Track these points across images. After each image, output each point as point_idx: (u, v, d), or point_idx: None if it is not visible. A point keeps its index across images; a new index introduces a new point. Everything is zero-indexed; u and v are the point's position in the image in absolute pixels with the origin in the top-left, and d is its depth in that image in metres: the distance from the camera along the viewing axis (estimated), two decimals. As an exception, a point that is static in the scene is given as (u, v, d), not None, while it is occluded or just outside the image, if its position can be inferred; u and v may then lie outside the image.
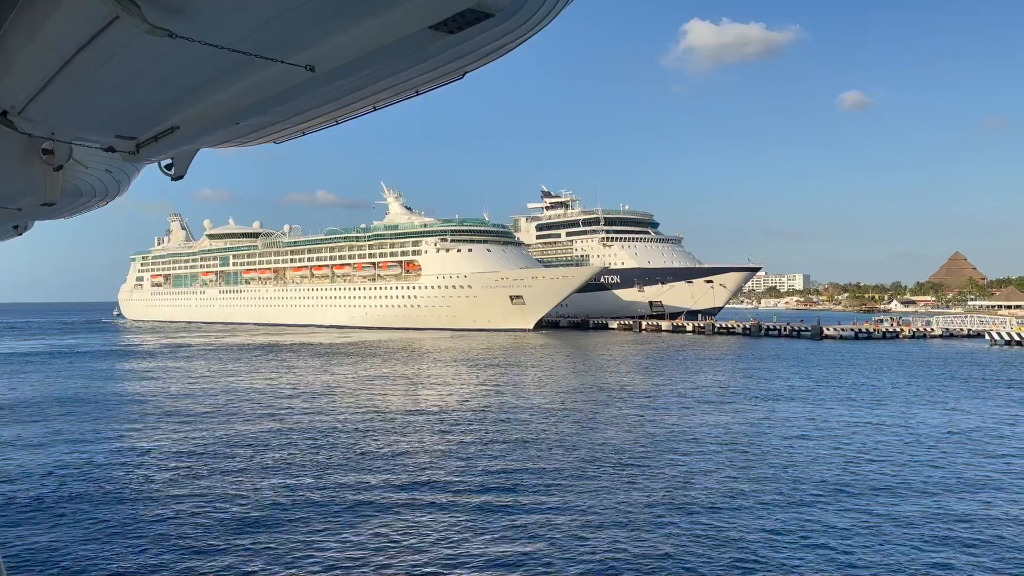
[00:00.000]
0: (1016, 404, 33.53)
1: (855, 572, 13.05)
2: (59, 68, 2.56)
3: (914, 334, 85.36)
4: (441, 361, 54.93)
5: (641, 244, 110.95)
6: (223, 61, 2.39)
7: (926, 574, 13.01)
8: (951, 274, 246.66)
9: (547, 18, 2.40)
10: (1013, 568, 13.29)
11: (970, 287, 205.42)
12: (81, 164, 4.06)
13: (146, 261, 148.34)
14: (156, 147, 3.29)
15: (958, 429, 26.89)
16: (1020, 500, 17.56)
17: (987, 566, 13.36)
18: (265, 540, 14.56)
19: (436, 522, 15.67)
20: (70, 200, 4.67)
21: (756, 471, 20.18)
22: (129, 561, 13.48)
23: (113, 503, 17.16)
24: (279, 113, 2.94)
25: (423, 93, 2.85)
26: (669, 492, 17.94)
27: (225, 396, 35.66)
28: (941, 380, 42.85)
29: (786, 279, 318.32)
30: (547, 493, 17.87)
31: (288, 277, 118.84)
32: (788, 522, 15.68)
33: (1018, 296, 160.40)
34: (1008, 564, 13.47)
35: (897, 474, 19.93)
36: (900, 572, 13.06)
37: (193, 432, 26.01)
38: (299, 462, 21.33)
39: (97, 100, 2.89)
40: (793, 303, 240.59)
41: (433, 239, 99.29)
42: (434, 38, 2.24)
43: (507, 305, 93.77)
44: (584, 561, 13.48)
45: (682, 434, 25.50)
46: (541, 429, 26.35)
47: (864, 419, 29.02)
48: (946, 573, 13.08)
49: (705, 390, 37.66)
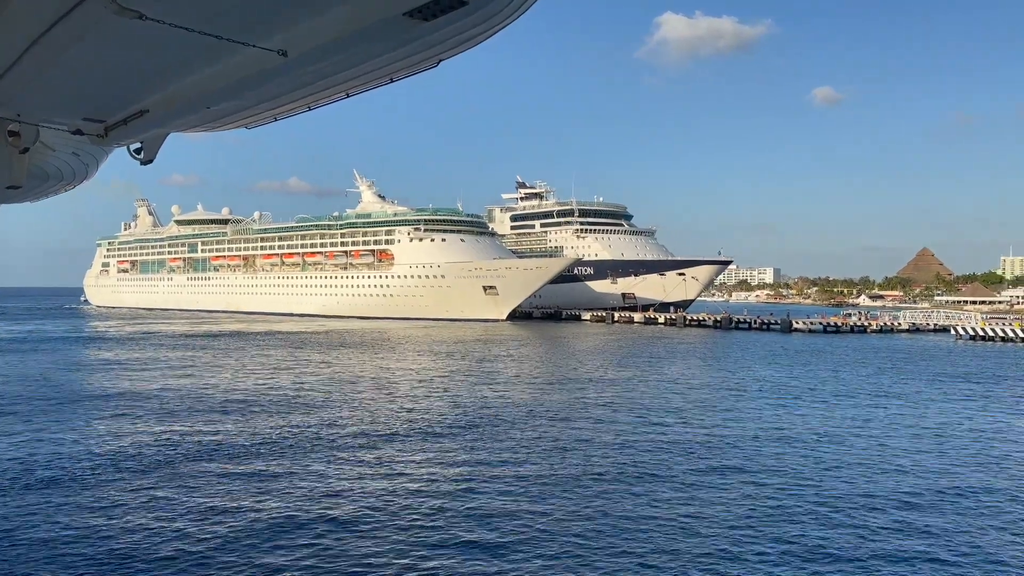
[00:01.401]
0: (976, 398, 34.05)
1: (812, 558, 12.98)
2: (26, 47, 2.42)
3: (881, 328, 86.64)
4: (414, 351, 54.48)
5: (615, 236, 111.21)
6: (194, 44, 2.31)
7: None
8: (919, 269, 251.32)
9: (521, 8, 2.39)
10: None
11: (937, 283, 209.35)
12: (48, 147, 3.94)
13: (112, 246, 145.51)
14: (125, 130, 3.22)
15: (915, 421, 27.21)
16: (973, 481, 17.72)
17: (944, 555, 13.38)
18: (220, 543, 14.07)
19: (401, 511, 15.32)
20: (36, 183, 4.58)
21: (720, 462, 20.13)
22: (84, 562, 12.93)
23: (69, 494, 16.53)
24: (251, 98, 2.91)
25: (397, 80, 2.84)
26: (630, 480, 17.81)
27: (184, 387, 34.85)
28: (906, 373, 43.43)
29: (757, 272, 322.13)
30: (512, 485, 17.61)
31: (258, 265, 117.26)
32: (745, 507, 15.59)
33: (983, 292, 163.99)
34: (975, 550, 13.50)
35: (854, 459, 20.07)
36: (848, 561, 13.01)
37: (138, 427, 25.31)
38: (260, 460, 20.79)
39: (65, 81, 2.78)
40: (764, 296, 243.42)
41: (407, 228, 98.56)
42: (408, 25, 2.25)
43: (480, 295, 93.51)
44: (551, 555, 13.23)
45: (650, 426, 25.44)
46: (512, 420, 26.09)
47: (829, 411, 29.29)
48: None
49: (674, 383, 37.74)
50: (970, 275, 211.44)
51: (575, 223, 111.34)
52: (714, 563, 13.06)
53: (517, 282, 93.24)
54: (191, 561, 12.80)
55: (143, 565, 12.61)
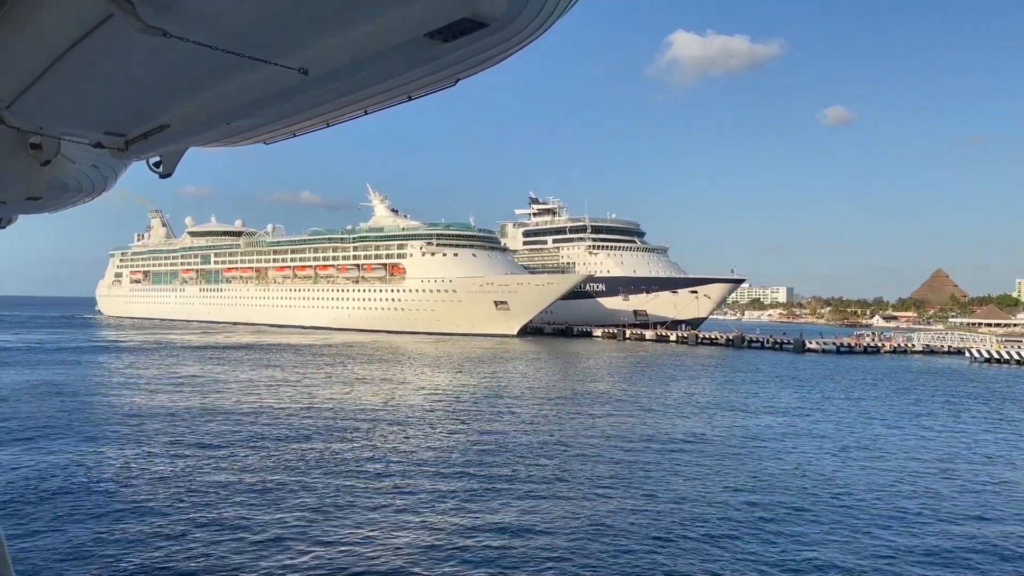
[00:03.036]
0: (989, 418, 33.50)
1: None
2: (50, 64, 2.49)
3: (895, 349, 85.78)
4: (426, 365, 54.31)
5: (627, 253, 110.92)
6: (216, 61, 2.35)
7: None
8: (933, 291, 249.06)
9: (541, 28, 2.41)
10: None
11: (951, 304, 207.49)
12: (68, 159, 4.04)
13: (125, 257, 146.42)
14: (145, 144, 3.27)
15: (929, 441, 26.75)
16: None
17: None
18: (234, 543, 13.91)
19: (412, 522, 15.11)
20: (56, 195, 4.70)
21: (730, 478, 19.81)
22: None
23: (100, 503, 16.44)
24: (271, 115, 2.95)
25: (415, 98, 2.88)
26: (643, 500, 17.53)
27: (194, 396, 34.83)
28: (922, 395, 42.84)
29: (770, 292, 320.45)
30: (522, 499, 17.37)
31: (270, 277, 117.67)
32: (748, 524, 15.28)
33: (998, 314, 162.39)
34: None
35: (862, 482, 19.68)
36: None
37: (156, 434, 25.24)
38: (272, 471, 20.64)
39: (87, 97, 2.86)
40: (776, 316, 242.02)
41: (419, 242, 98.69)
42: (428, 46, 2.26)
43: (492, 310, 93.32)
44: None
45: (659, 443, 25.14)
46: (521, 436, 25.85)
47: (838, 430, 28.87)
48: None
49: (685, 400, 37.36)
50: (985, 297, 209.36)
51: (587, 239, 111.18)
52: None
53: (529, 298, 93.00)
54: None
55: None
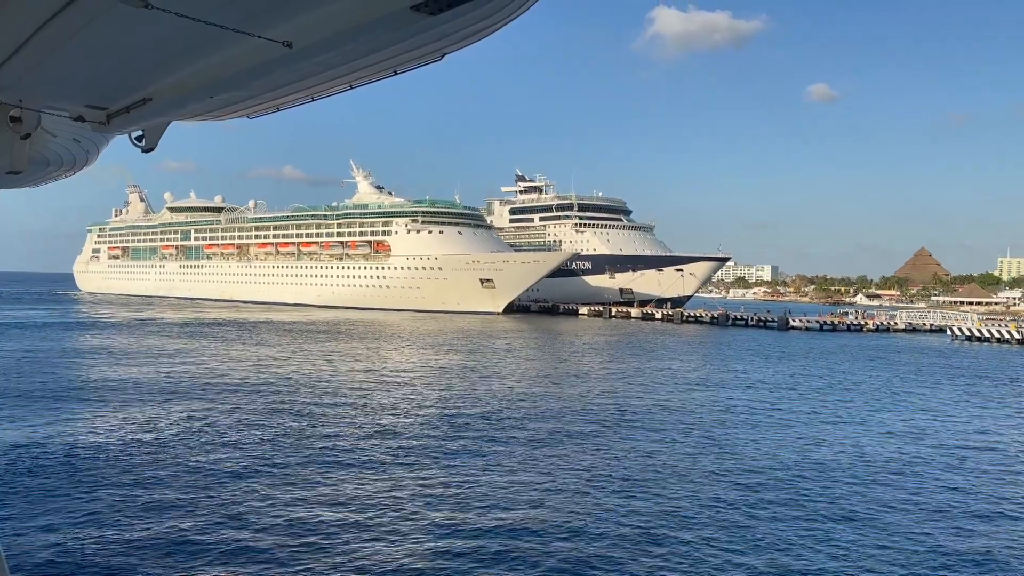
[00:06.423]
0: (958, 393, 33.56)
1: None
2: (31, 34, 2.44)
3: (878, 327, 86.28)
4: (410, 343, 53.77)
5: (613, 231, 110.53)
6: (199, 33, 2.35)
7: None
8: (916, 269, 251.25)
9: (526, 3, 2.43)
10: None
11: (934, 283, 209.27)
12: (49, 133, 3.94)
13: (103, 232, 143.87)
14: (127, 118, 3.21)
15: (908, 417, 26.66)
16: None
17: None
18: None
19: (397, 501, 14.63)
20: (37, 169, 4.60)
21: (712, 456, 19.52)
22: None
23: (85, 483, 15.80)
24: (255, 88, 2.87)
25: (401, 73, 2.79)
26: (626, 473, 17.17)
27: (171, 373, 34.08)
28: (902, 372, 42.95)
29: (755, 270, 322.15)
30: (502, 472, 16.97)
31: (252, 253, 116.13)
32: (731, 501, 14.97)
33: (980, 293, 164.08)
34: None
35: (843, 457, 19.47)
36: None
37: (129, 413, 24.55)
38: (257, 450, 20.06)
39: (69, 68, 2.75)
40: (761, 294, 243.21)
41: (404, 220, 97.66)
42: (414, 18, 2.30)
43: (477, 288, 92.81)
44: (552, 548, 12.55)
45: (645, 420, 24.84)
46: (503, 412, 25.47)
47: (819, 408, 28.74)
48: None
49: (670, 377, 37.15)
50: (967, 276, 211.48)
51: (574, 217, 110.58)
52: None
53: (514, 275, 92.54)
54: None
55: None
